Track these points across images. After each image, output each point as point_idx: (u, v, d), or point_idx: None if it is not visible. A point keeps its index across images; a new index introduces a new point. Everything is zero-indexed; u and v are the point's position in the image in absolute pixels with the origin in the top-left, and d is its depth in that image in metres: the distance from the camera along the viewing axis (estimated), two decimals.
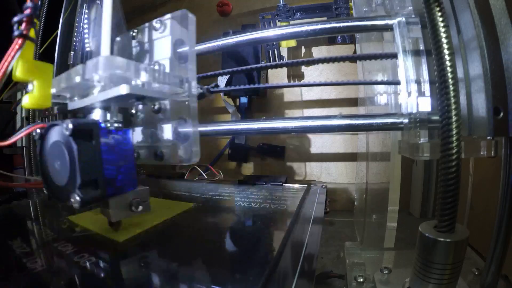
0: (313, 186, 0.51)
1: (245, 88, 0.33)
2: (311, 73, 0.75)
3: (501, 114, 0.20)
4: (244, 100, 0.77)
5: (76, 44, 0.56)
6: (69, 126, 0.20)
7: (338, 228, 0.59)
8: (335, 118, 0.25)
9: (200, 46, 0.31)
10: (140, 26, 0.27)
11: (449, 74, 0.18)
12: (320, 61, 0.29)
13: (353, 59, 0.53)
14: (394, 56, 0.25)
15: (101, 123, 0.23)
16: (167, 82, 0.23)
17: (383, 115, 0.24)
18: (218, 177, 0.66)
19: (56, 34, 0.57)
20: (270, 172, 0.80)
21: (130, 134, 0.25)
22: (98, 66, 0.19)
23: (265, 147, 0.78)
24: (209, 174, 0.69)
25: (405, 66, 0.24)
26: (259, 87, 0.69)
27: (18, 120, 0.54)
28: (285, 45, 0.69)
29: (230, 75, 0.72)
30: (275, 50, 0.70)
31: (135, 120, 0.27)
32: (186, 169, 0.68)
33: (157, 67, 0.25)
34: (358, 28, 0.27)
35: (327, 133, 0.73)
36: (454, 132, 0.18)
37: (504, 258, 0.23)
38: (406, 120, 0.23)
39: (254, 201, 0.41)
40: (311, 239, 0.30)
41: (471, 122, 0.21)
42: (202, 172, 0.67)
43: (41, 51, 0.57)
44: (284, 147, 0.77)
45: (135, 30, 0.27)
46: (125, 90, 0.20)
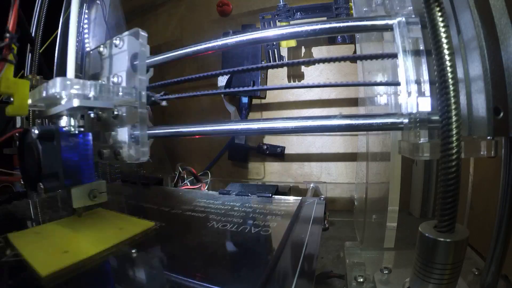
0: (309, 199, 0.45)
1: (237, 90, 0.32)
2: (311, 73, 0.75)
3: (501, 114, 0.20)
4: (245, 100, 0.77)
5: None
6: (35, 131, 0.26)
7: (338, 228, 0.59)
8: (335, 118, 0.25)
9: (200, 46, 0.31)
10: (106, 42, 0.33)
11: (449, 74, 0.18)
12: (320, 61, 0.29)
13: (353, 59, 0.53)
14: (394, 56, 0.25)
15: (64, 128, 0.28)
16: (119, 93, 0.29)
17: (383, 115, 0.24)
18: (200, 185, 0.64)
19: (56, 34, 0.57)
20: (269, 173, 0.80)
21: (90, 137, 0.30)
22: (56, 85, 0.25)
23: (265, 147, 0.78)
24: (203, 175, 0.67)
25: (405, 66, 0.24)
26: (258, 89, 0.69)
27: (18, 120, 0.54)
28: (285, 45, 0.69)
29: (230, 75, 0.72)
30: (275, 50, 0.70)
31: (101, 125, 0.32)
32: (183, 172, 0.67)
33: (116, 79, 0.30)
34: (358, 28, 0.27)
35: (327, 133, 0.73)
36: (454, 132, 0.18)
37: (504, 258, 0.23)
38: (406, 120, 0.23)
39: (232, 220, 0.35)
40: (311, 238, 0.30)
41: (471, 122, 0.21)
42: (185, 177, 0.65)
43: (41, 51, 0.57)
44: (284, 147, 0.77)
45: (101, 46, 0.33)
46: (76, 103, 0.26)
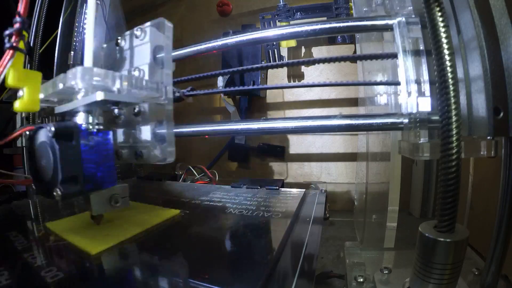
0: (312, 191, 0.50)
1: (238, 89, 0.32)
2: (311, 73, 0.75)
3: (501, 114, 0.20)
4: (245, 100, 0.77)
5: (76, 44, 0.56)
6: (52, 128, 0.22)
7: (338, 228, 0.59)
8: (335, 118, 0.25)
9: (200, 46, 0.31)
10: (123, 33, 0.29)
11: (449, 74, 0.18)
12: (320, 61, 0.29)
13: (353, 59, 0.53)
14: (394, 56, 0.25)
15: (82, 126, 0.25)
16: (143, 87, 0.25)
17: (383, 115, 0.24)
18: (212, 180, 0.65)
19: (56, 34, 0.57)
20: (269, 173, 0.80)
21: (111, 135, 0.26)
22: (76, 76, 0.21)
23: (265, 147, 0.78)
24: (205, 176, 0.68)
25: (405, 66, 0.24)
26: (258, 88, 0.69)
27: (18, 120, 0.54)
28: (285, 45, 0.69)
29: (230, 75, 0.72)
30: (275, 50, 0.70)
31: (118, 122, 0.29)
32: (184, 171, 0.67)
33: (137, 73, 0.27)
34: (358, 28, 0.27)
35: (327, 133, 0.73)
36: (454, 132, 0.18)
37: (504, 258, 0.23)
38: (406, 120, 0.23)
39: (247, 208, 0.39)
40: (311, 238, 0.30)
41: (471, 122, 0.21)
42: (197, 174, 0.66)
43: (41, 51, 0.57)
44: (284, 147, 0.77)
45: (119, 38, 0.29)
46: (100, 97, 0.22)
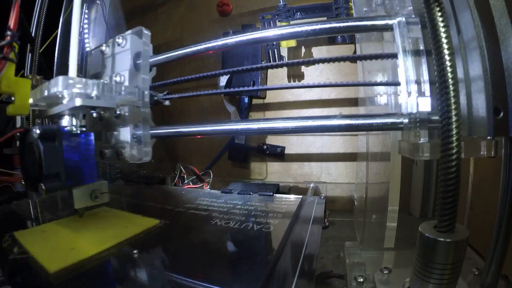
0: (309, 197, 0.46)
1: (238, 90, 0.32)
2: (311, 73, 0.75)
3: (501, 114, 0.20)
4: (245, 100, 0.77)
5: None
6: (37, 131, 0.25)
7: (338, 228, 0.59)
8: (335, 118, 0.25)
9: (200, 46, 0.31)
10: (108, 41, 0.32)
11: (449, 74, 0.18)
12: (320, 61, 0.29)
13: (353, 59, 0.53)
14: (394, 56, 0.25)
15: (66, 128, 0.27)
16: (121, 92, 0.28)
17: (383, 115, 0.24)
18: (202, 184, 0.64)
19: (56, 34, 0.57)
20: (270, 173, 0.80)
21: (92, 136, 0.29)
22: (58, 84, 0.24)
23: (265, 147, 0.78)
24: (197, 178, 0.67)
25: (405, 66, 0.24)
26: (257, 89, 0.69)
27: (18, 120, 0.54)
28: (285, 45, 0.69)
29: (230, 75, 0.72)
30: (275, 50, 0.70)
31: (102, 124, 0.32)
32: (183, 172, 0.67)
33: (118, 78, 0.29)
34: (358, 28, 0.27)
35: (327, 133, 0.73)
36: (454, 132, 0.18)
37: (504, 258, 0.23)
38: (406, 120, 0.23)
39: (235, 218, 0.36)
40: (311, 238, 0.30)
41: (471, 122, 0.21)
42: (186, 177, 0.66)
43: (41, 51, 0.57)
44: (284, 147, 0.77)
45: (104, 45, 0.32)
46: (79, 102, 0.25)
